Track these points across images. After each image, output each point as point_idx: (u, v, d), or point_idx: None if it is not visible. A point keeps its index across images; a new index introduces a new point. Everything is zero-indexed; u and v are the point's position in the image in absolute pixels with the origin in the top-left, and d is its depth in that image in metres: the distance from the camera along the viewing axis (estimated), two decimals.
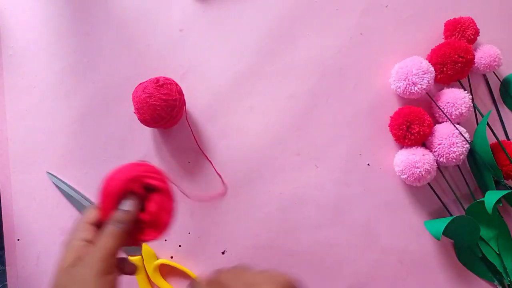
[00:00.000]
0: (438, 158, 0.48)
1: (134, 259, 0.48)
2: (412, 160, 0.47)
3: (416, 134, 0.47)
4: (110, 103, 0.51)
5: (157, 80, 0.45)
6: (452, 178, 0.51)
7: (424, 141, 0.49)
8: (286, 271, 0.48)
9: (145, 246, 0.48)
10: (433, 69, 0.49)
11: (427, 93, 0.50)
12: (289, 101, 0.52)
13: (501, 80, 0.54)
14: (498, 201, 0.45)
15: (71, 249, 0.29)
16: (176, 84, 0.46)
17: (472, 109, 0.49)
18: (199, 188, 0.49)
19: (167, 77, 0.46)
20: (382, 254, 0.49)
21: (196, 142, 0.50)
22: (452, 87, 0.51)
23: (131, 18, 0.53)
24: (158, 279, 0.48)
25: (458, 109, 0.48)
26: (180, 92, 0.46)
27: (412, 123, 0.47)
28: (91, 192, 0.50)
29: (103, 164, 0.50)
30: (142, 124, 0.46)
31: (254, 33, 0.53)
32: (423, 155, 0.47)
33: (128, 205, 0.30)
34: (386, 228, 0.50)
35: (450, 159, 0.47)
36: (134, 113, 0.45)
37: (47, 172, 0.49)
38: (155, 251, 0.48)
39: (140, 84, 0.46)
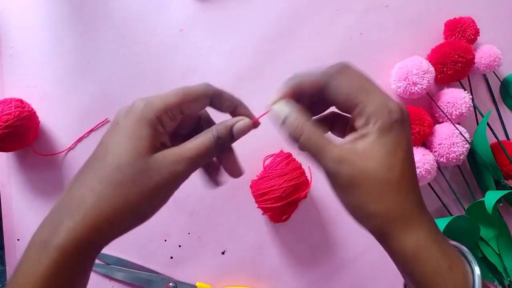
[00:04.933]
0: (438, 158, 0.48)
1: None
2: None
3: (416, 134, 0.47)
4: (110, 103, 0.51)
5: None
6: (452, 178, 0.51)
7: (424, 141, 0.49)
8: (286, 272, 0.49)
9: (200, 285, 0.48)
10: (433, 69, 0.49)
11: (427, 93, 0.50)
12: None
13: (501, 80, 0.54)
14: (498, 201, 0.45)
15: None
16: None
17: (472, 109, 0.49)
18: None
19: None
20: (382, 254, 0.49)
21: None
22: (452, 87, 0.51)
23: (131, 18, 0.53)
24: None
25: (458, 109, 0.48)
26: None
27: (412, 123, 0.47)
28: None
29: None
30: None
31: (254, 33, 0.53)
32: (423, 155, 0.47)
33: None
34: None
35: (450, 159, 0.47)
36: None
37: None
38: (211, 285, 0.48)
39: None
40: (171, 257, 0.49)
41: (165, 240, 0.49)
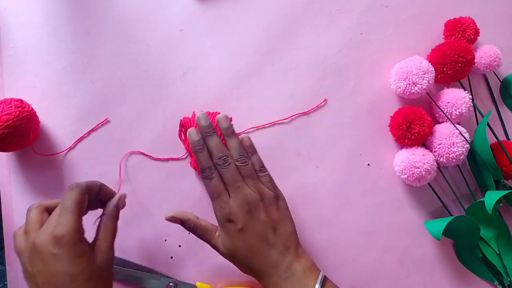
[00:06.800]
0: (438, 158, 0.48)
1: None
2: (412, 160, 0.47)
3: (416, 134, 0.47)
4: (110, 103, 0.51)
5: None
6: (452, 178, 0.51)
7: (424, 141, 0.49)
8: None
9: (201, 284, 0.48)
10: (433, 69, 0.49)
11: (427, 93, 0.50)
12: (289, 101, 0.52)
13: (501, 80, 0.54)
14: (498, 201, 0.45)
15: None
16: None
17: (472, 109, 0.49)
18: None
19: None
20: (382, 254, 0.50)
21: None
22: (452, 87, 0.51)
23: (131, 18, 0.53)
24: None
25: (458, 109, 0.48)
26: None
27: (412, 123, 0.47)
28: None
29: (103, 164, 0.50)
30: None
31: (254, 33, 0.53)
32: (423, 155, 0.47)
33: None
34: (386, 228, 0.50)
35: (450, 159, 0.47)
36: None
37: None
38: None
39: None
40: (171, 257, 0.49)
41: (165, 240, 0.49)
